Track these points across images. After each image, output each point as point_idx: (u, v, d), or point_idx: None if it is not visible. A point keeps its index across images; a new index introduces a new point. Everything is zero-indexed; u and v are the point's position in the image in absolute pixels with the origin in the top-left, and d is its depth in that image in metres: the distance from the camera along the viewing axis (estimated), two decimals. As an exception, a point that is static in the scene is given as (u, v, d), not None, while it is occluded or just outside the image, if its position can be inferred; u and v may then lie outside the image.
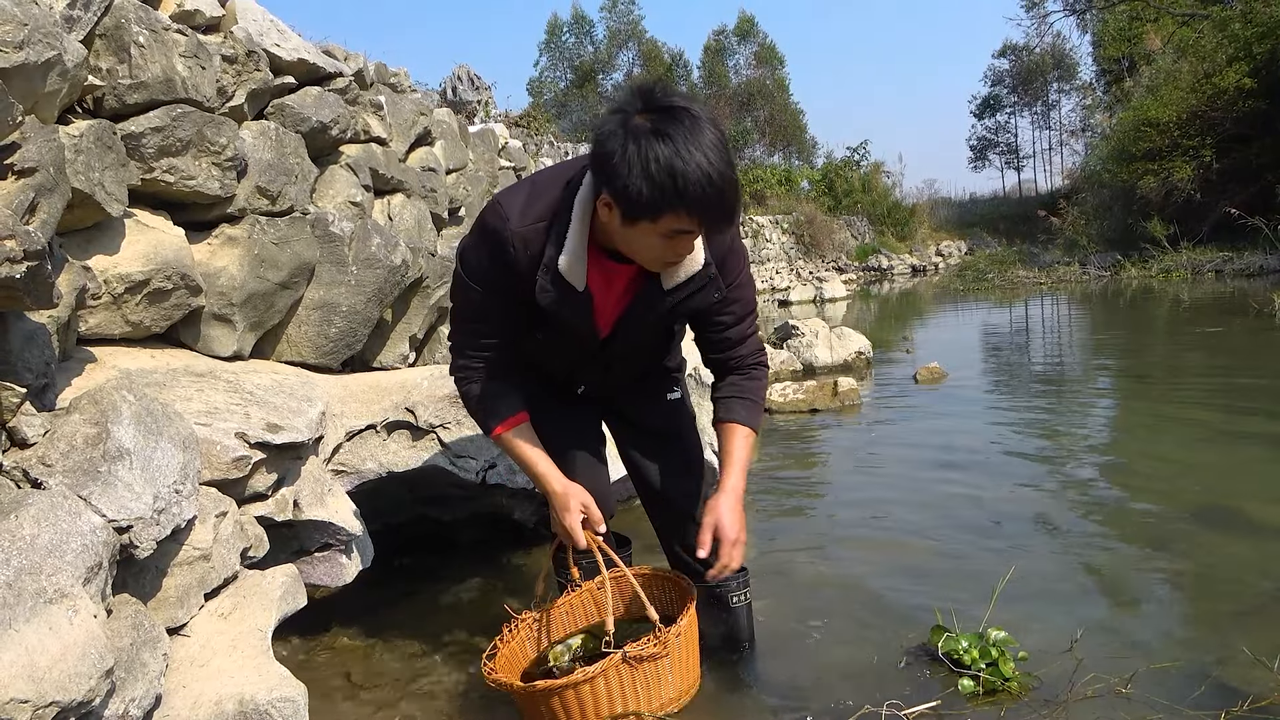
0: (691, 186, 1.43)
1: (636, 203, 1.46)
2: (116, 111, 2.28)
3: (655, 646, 1.59)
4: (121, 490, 1.51)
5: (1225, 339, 7.54)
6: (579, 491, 1.77)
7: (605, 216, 1.56)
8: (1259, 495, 3.11)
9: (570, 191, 1.63)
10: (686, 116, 1.46)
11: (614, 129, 1.48)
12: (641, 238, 1.53)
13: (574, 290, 1.65)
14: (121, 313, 2.26)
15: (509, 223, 1.63)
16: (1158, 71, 20.00)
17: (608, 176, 1.48)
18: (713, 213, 1.49)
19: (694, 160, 1.43)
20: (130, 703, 1.41)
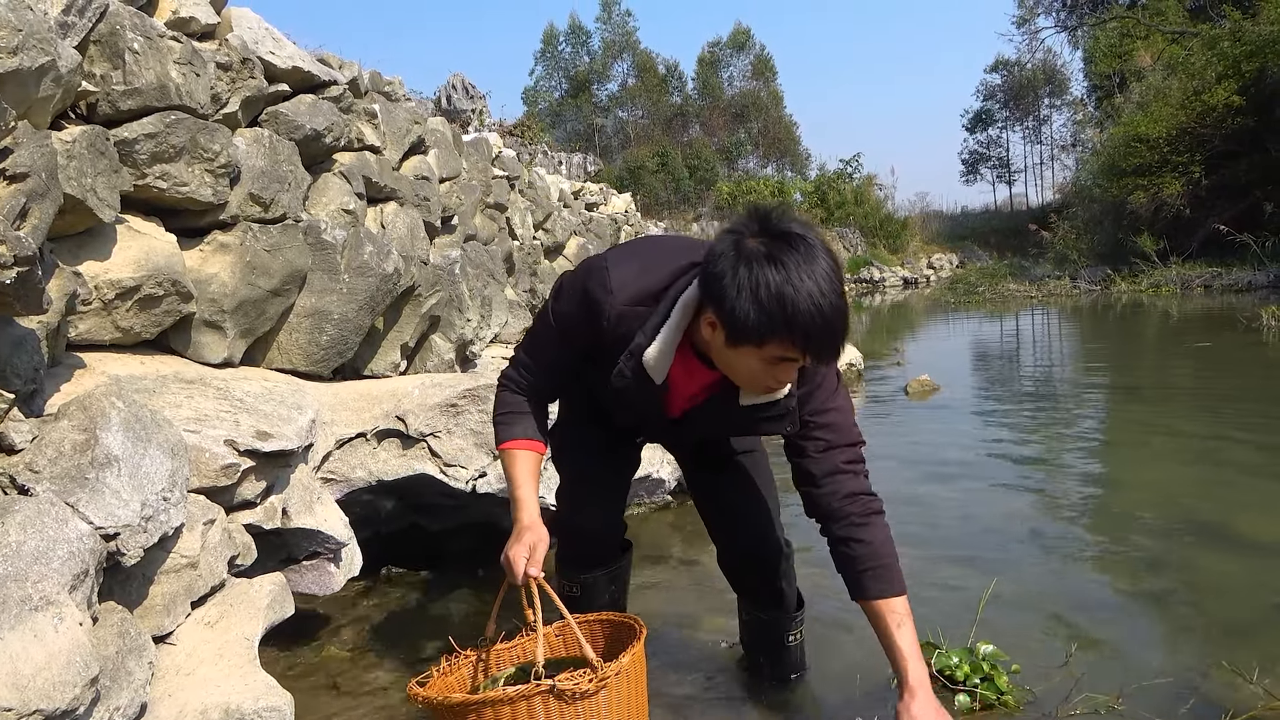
0: (801, 316, 1.40)
1: (743, 327, 1.43)
2: (110, 117, 2.27)
3: (588, 683, 1.48)
4: (109, 497, 1.51)
5: (1214, 354, 7.59)
6: (537, 534, 1.67)
7: (708, 335, 1.53)
8: (1248, 509, 3.12)
9: (676, 288, 1.59)
10: (802, 244, 1.43)
11: (726, 249, 1.46)
12: (744, 360, 1.50)
13: (650, 382, 1.63)
14: (112, 319, 2.26)
15: (612, 296, 1.61)
16: (1148, 88, 20.15)
17: (716, 297, 1.46)
18: (820, 343, 1.44)
19: (805, 289, 1.39)
20: (115, 711, 1.41)
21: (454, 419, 2.83)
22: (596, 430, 1.96)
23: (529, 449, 1.76)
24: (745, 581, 2.03)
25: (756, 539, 1.96)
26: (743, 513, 1.98)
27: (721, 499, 2.01)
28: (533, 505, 1.72)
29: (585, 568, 2.02)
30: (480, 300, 4.44)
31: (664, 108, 38.96)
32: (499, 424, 1.79)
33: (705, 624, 2.42)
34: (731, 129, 37.77)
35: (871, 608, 1.64)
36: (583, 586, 2.03)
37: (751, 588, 2.02)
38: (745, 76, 40.58)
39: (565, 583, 2.03)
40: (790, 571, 2.00)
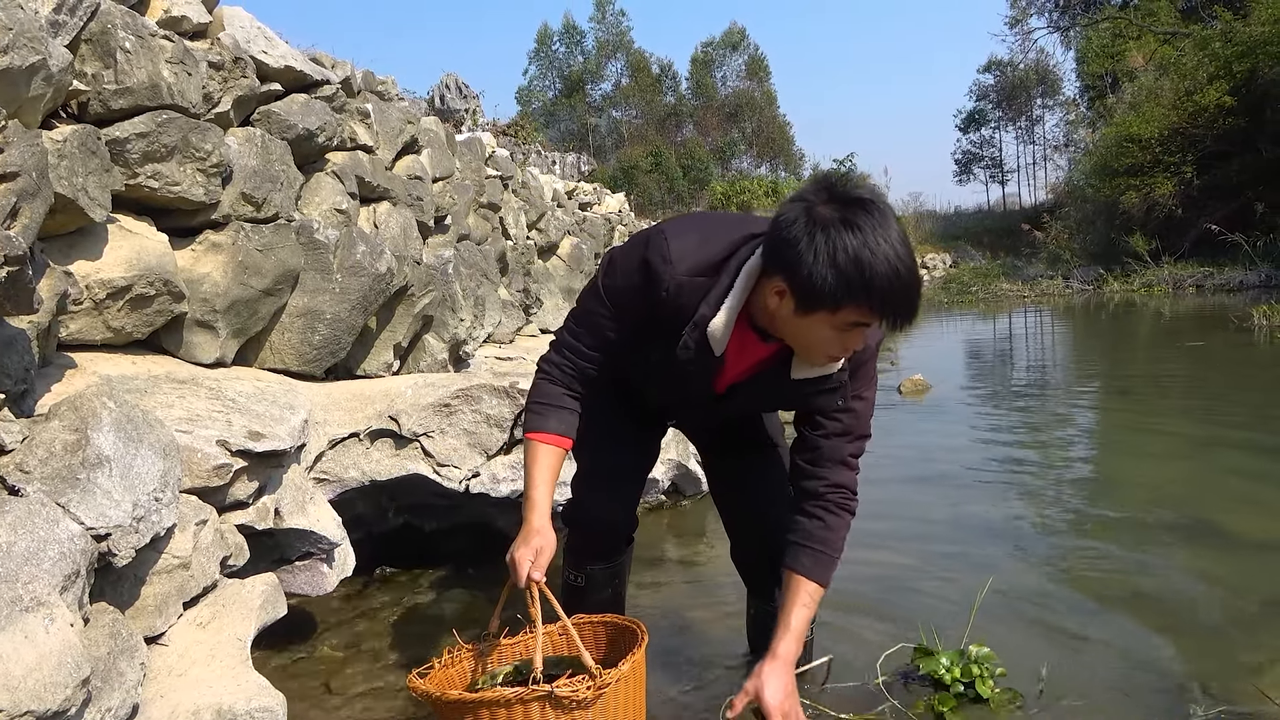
0: (879, 279, 1.41)
1: (819, 292, 1.43)
2: (101, 117, 2.27)
3: (587, 691, 1.47)
4: (100, 498, 1.50)
5: (1205, 353, 7.62)
6: (545, 539, 1.65)
7: (774, 305, 1.52)
8: (1238, 509, 3.14)
9: (737, 259, 1.58)
10: (874, 209, 1.44)
11: (796, 216, 1.46)
12: (815, 329, 1.50)
13: (710, 354, 1.63)
14: (103, 319, 2.25)
15: (672, 266, 1.59)
16: (1140, 88, 20.24)
17: (788, 264, 1.46)
18: (897, 306, 1.45)
19: (882, 252, 1.40)
20: (107, 712, 1.40)
21: (447, 419, 2.83)
22: (622, 416, 1.94)
23: (556, 444, 1.72)
24: (761, 577, 2.02)
25: (778, 537, 1.90)
26: (767, 510, 1.96)
27: (746, 494, 2.01)
28: (545, 508, 1.69)
29: (593, 559, 2.00)
30: (474, 300, 4.44)
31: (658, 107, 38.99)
32: (531, 412, 1.74)
33: (699, 623, 2.43)
34: (725, 129, 37.80)
35: (793, 580, 1.72)
36: (587, 578, 2.01)
37: (767, 584, 2.00)
38: (739, 76, 40.62)
39: (571, 573, 2.02)
40: None
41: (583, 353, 1.73)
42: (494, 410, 2.88)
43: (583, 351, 1.73)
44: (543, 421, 1.72)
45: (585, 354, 1.73)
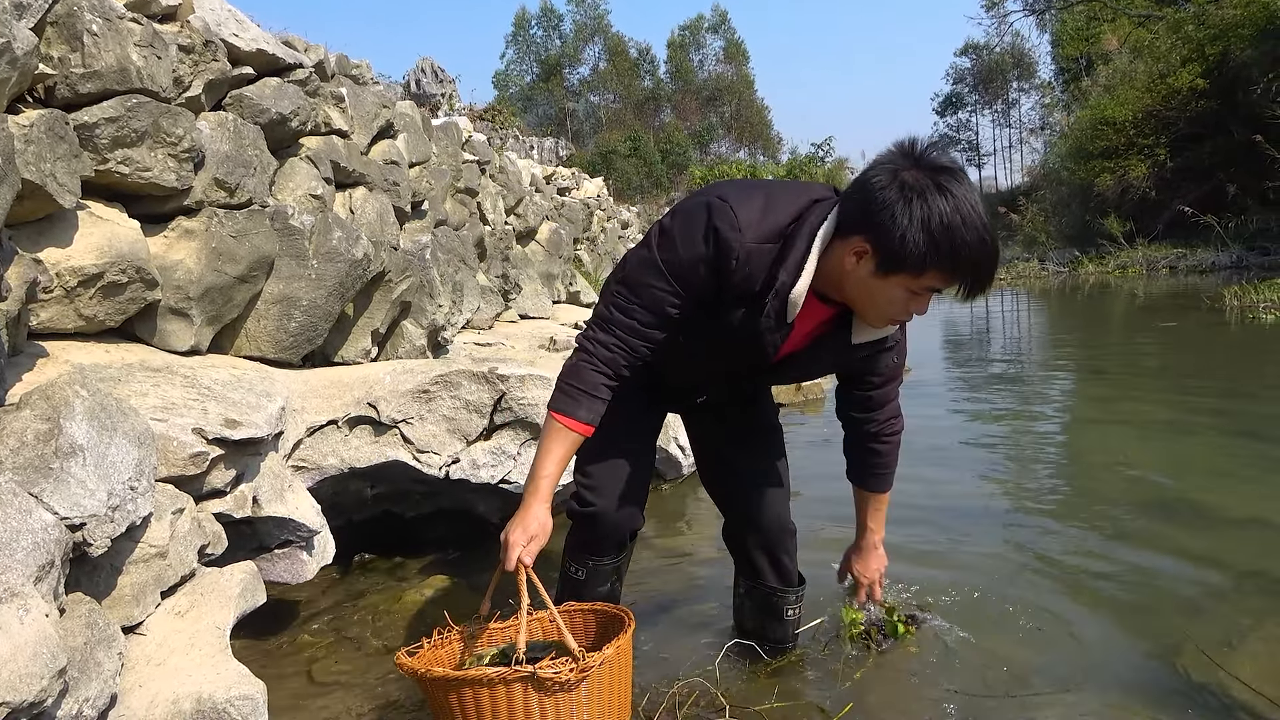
0: (968, 247, 1.44)
1: (908, 256, 1.45)
2: (69, 101, 2.23)
3: (570, 673, 1.49)
4: (74, 487, 1.49)
5: (1178, 333, 7.72)
6: (541, 524, 1.64)
7: (849, 264, 1.53)
8: (1210, 486, 3.19)
9: (805, 224, 1.57)
10: (963, 178, 1.47)
11: (885, 181, 1.47)
12: (888, 290, 1.52)
13: (784, 322, 1.62)
14: (74, 306, 2.22)
15: (741, 234, 1.56)
16: (1114, 71, 20.38)
17: (877, 225, 1.46)
18: (978, 275, 1.49)
19: (972, 221, 1.44)
20: (84, 703, 1.39)
21: (426, 405, 2.82)
22: (636, 404, 1.90)
23: (580, 432, 1.66)
24: (755, 557, 2.04)
25: (775, 518, 1.99)
26: (764, 492, 1.99)
27: (744, 476, 2.01)
28: (548, 492, 1.65)
29: (598, 555, 1.96)
30: (452, 286, 4.42)
31: (636, 92, 38.84)
32: (564, 393, 1.66)
33: (680, 605, 2.44)
34: (704, 113, 37.72)
35: (866, 495, 2.00)
36: (589, 572, 1.98)
37: (760, 563, 2.03)
38: (718, 60, 40.51)
39: (572, 565, 1.99)
40: (795, 549, 2.05)
41: (639, 331, 1.65)
42: (473, 396, 2.87)
43: (638, 330, 1.65)
44: (574, 408, 1.64)
45: (643, 332, 1.65)
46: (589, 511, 1.91)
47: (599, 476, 1.91)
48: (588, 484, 1.92)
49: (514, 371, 2.94)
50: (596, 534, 1.94)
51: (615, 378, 1.66)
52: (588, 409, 1.65)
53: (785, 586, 2.04)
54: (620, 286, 1.67)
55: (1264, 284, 9.69)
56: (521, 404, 2.92)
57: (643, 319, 1.64)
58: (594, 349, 1.66)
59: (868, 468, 1.97)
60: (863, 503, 2.02)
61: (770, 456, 2.02)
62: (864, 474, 1.99)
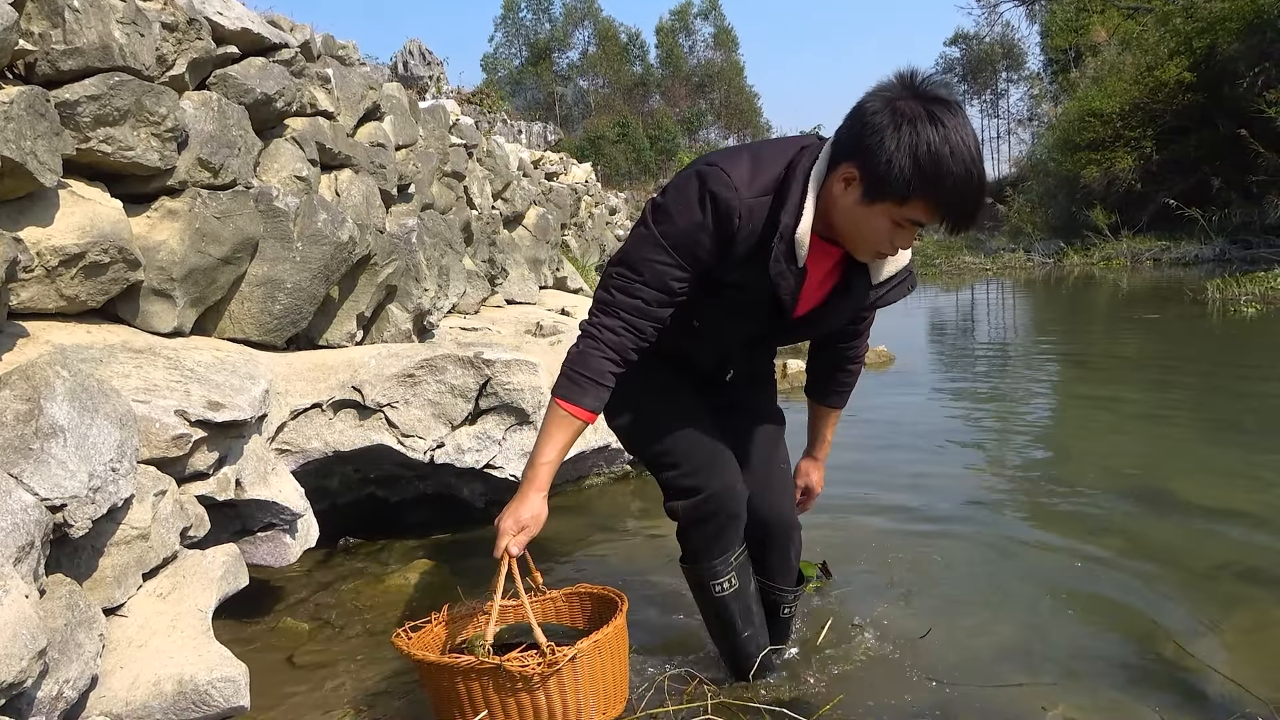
0: (953, 178, 1.42)
1: (893, 181, 1.43)
2: (50, 78, 2.20)
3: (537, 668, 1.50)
4: (55, 468, 1.48)
5: (1161, 325, 7.78)
6: (536, 511, 1.60)
7: (839, 193, 1.52)
8: (1190, 477, 3.22)
9: (798, 168, 1.56)
10: (958, 109, 1.45)
11: (879, 108, 1.45)
12: (872, 219, 1.50)
13: (795, 265, 1.58)
14: (56, 286, 2.20)
15: (738, 192, 1.54)
16: (1102, 63, 20.44)
17: (866, 149, 1.45)
18: (962, 208, 1.47)
19: (961, 152, 1.41)
20: (65, 684, 1.39)
21: (411, 389, 2.81)
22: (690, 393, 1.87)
23: (584, 420, 1.61)
24: (758, 551, 1.91)
25: (781, 512, 1.91)
26: (772, 488, 1.91)
27: (754, 472, 1.89)
28: (546, 481, 1.61)
29: (727, 545, 1.79)
30: (438, 270, 4.39)
31: (625, 77, 38.67)
32: (569, 379, 1.60)
33: (666, 591, 2.45)
34: (693, 99, 37.61)
35: (823, 410, 2.09)
36: (736, 574, 1.81)
37: (762, 558, 1.92)
38: (707, 46, 40.36)
39: (715, 583, 1.80)
40: (800, 546, 1.97)
41: (645, 310, 1.60)
42: (459, 381, 2.86)
43: (644, 309, 1.60)
44: (580, 395, 1.59)
45: (649, 310, 1.60)
46: (700, 497, 1.74)
47: (693, 457, 1.77)
48: (685, 469, 1.76)
49: (500, 356, 2.94)
50: (720, 519, 1.76)
51: (623, 363, 1.62)
52: (594, 396, 1.60)
53: (785, 585, 1.96)
54: (620, 268, 1.62)
55: (1246, 277, 9.78)
56: (507, 389, 2.92)
57: (647, 297, 1.59)
58: (600, 334, 1.60)
59: (836, 386, 2.04)
60: (823, 418, 2.10)
61: (777, 453, 1.97)
62: (830, 392, 2.06)
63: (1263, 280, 9.47)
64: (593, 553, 2.83)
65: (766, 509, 1.88)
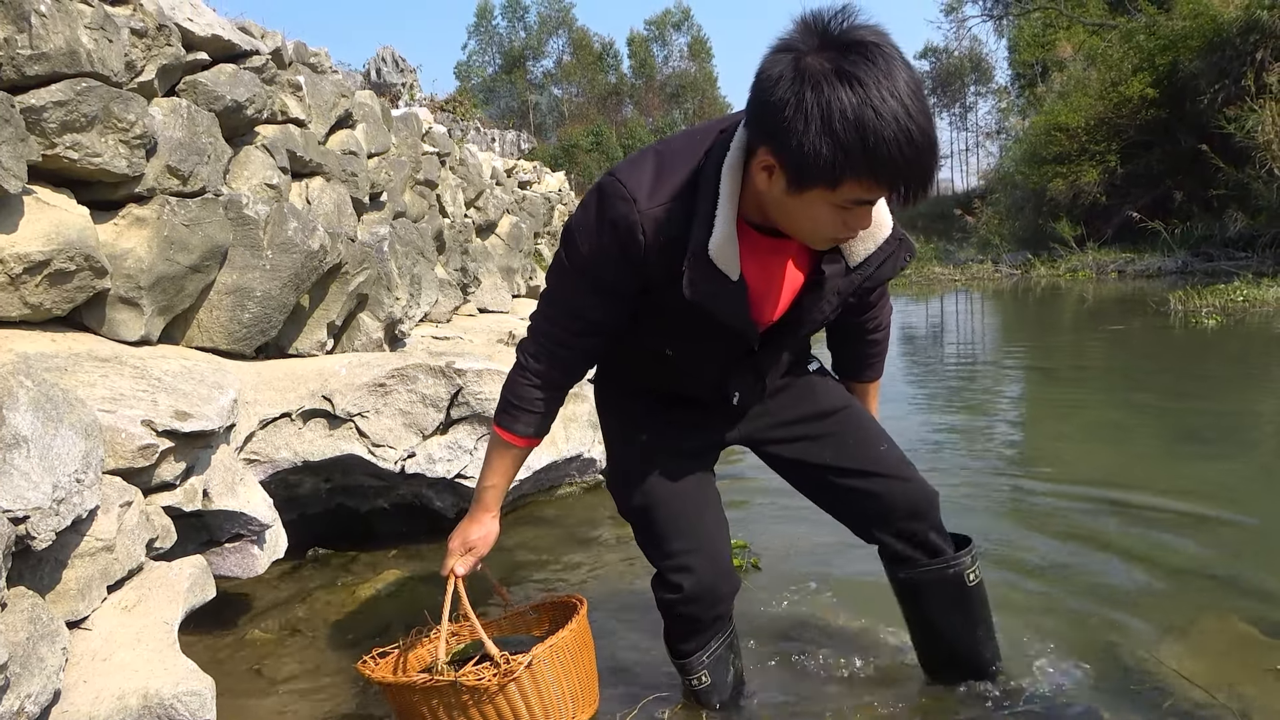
0: (885, 145, 1.14)
1: (811, 166, 1.17)
2: (15, 83, 2.17)
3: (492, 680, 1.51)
4: (18, 479, 1.46)
5: (1125, 336, 7.91)
6: (485, 531, 1.60)
7: (763, 184, 1.26)
8: (1149, 484, 3.27)
9: (712, 160, 1.32)
10: (878, 54, 1.14)
11: (782, 71, 1.16)
12: (808, 209, 1.24)
13: (726, 281, 1.35)
14: (20, 294, 2.17)
15: (636, 204, 1.33)
16: (1068, 78, 20.78)
17: (773, 132, 1.18)
18: (908, 178, 1.19)
19: (889, 110, 1.12)
20: (27, 699, 1.37)
21: (382, 399, 2.80)
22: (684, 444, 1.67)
23: (522, 445, 1.56)
24: (911, 529, 1.71)
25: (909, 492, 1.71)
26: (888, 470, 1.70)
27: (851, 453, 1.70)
28: (492, 502, 1.59)
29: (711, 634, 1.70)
30: (410, 279, 4.38)
31: (599, 86, 38.75)
32: (506, 410, 1.55)
33: (638, 602, 2.45)
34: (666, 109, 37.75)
35: (857, 388, 1.85)
36: (710, 670, 1.71)
37: (918, 533, 1.72)
38: (682, 57, 40.57)
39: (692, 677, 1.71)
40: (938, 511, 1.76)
41: (567, 342, 1.50)
42: (430, 390, 2.85)
43: (565, 341, 1.50)
44: (511, 422, 1.54)
45: (573, 344, 1.50)
46: (678, 597, 1.64)
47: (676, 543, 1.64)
48: (668, 562, 1.65)
49: (471, 366, 2.93)
50: (693, 618, 1.67)
51: (555, 390, 1.54)
52: (525, 423, 1.54)
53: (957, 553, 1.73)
54: (543, 297, 1.53)
55: (1207, 289, 9.97)
56: (479, 398, 2.91)
57: (566, 329, 1.49)
58: (526, 361, 1.53)
59: (866, 360, 1.82)
60: (860, 395, 1.84)
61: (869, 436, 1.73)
62: (862, 367, 1.82)
63: (1223, 292, 9.66)
64: (565, 562, 2.82)
65: (899, 496, 1.70)
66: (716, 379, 1.60)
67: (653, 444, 1.67)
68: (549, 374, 1.52)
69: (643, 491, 1.65)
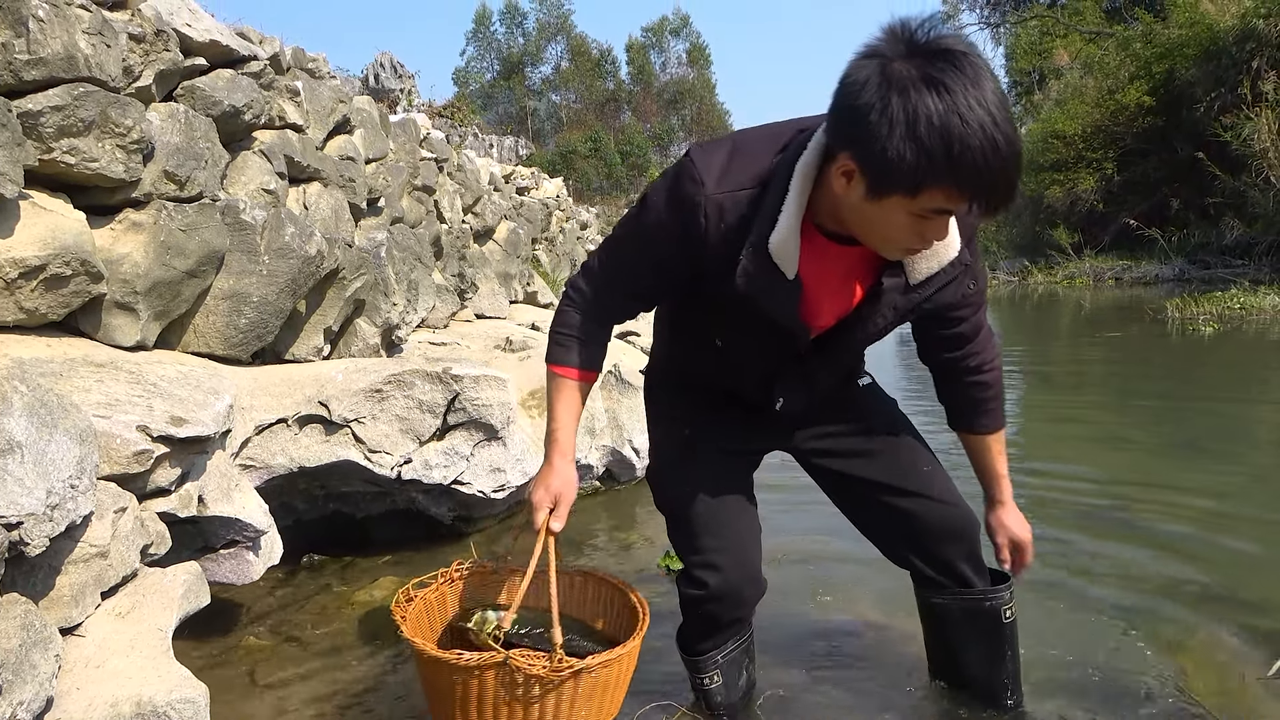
0: (970, 154, 1.13)
1: (895, 171, 1.16)
2: (12, 88, 2.17)
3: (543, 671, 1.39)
4: (11, 485, 1.45)
5: (1122, 343, 7.92)
6: (565, 479, 1.51)
7: (840, 188, 1.26)
8: (1146, 494, 3.28)
9: (786, 158, 1.33)
10: (965, 63, 1.15)
11: (869, 76, 1.17)
12: (886, 216, 1.24)
13: (781, 278, 1.36)
14: (15, 299, 2.16)
15: (704, 187, 1.34)
16: (1065, 86, 20.85)
17: (857, 136, 1.19)
18: (991, 190, 1.18)
19: (975, 119, 1.12)
20: (19, 706, 1.36)
21: (379, 404, 2.79)
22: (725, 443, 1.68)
23: (583, 380, 1.52)
24: (946, 555, 1.70)
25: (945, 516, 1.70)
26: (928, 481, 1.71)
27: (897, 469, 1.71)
28: (567, 445, 1.50)
29: (728, 635, 1.70)
30: (407, 284, 4.37)
31: (597, 92, 38.83)
32: (554, 342, 1.54)
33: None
34: (664, 115, 37.82)
35: (978, 440, 1.72)
36: (723, 671, 1.71)
37: (952, 561, 1.70)
38: (680, 63, 40.67)
39: (701, 676, 1.71)
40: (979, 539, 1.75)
41: (612, 295, 1.53)
42: (427, 396, 2.85)
43: (612, 294, 1.53)
44: (566, 354, 1.52)
45: (615, 297, 1.53)
46: (703, 593, 1.63)
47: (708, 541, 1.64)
48: (697, 557, 1.65)
49: (468, 372, 2.93)
50: (714, 618, 1.68)
51: (593, 321, 1.54)
52: (575, 353, 1.52)
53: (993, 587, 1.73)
54: (606, 243, 1.55)
55: (1204, 297, 9.99)
56: (475, 404, 2.91)
57: (613, 283, 1.52)
58: (572, 294, 1.55)
59: (975, 405, 1.68)
60: (980, 450, 1.73)
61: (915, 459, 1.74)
62: (972, 414, 1.69)
63: (1220, 300, 9.68)
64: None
65: (935, 519, 1.70)
66: (763, 379, 1.60)
67: (696, 439, 1.67)
68: (592, 309, 1.54)
69: (680, 485, 1.66)
